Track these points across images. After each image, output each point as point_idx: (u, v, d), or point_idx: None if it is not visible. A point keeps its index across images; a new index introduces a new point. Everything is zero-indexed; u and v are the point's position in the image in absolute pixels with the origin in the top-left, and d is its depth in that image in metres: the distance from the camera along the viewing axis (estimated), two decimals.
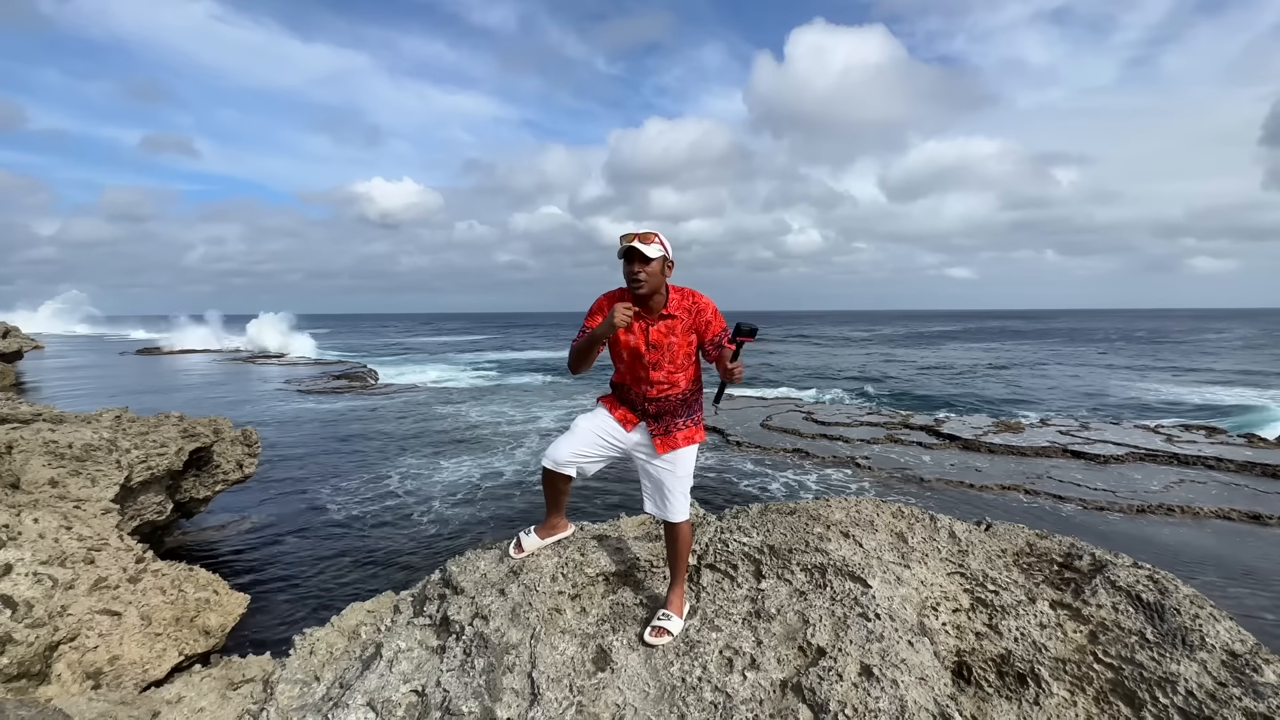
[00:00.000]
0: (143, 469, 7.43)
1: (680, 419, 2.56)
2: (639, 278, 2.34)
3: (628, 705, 2.16)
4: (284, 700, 2.54)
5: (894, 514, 3.19)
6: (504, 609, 2.55)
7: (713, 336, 2.46)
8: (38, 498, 5.65)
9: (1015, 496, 12.24)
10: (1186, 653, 2.18)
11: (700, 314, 2.47)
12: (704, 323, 2.47)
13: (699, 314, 2.47)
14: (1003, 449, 15.61)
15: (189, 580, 5.68)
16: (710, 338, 2.47)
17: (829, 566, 2.66)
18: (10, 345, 26.61)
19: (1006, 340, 73.29)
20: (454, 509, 11.83)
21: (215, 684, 3.40)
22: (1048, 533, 3.08)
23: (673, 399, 2.54)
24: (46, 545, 4.87)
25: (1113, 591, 2.51)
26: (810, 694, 2.09)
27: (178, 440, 8.34)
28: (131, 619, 4.90)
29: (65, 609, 4.54)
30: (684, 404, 2.56)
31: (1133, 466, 14.14)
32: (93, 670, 4.42)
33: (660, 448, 2.55)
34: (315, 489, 12.97)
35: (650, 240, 2.32)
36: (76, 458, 6.36)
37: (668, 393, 2.54)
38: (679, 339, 2.49)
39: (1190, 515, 11.04)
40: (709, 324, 2.47)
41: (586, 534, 3.12)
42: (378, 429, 19.46)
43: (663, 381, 2.52)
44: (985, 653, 2.33)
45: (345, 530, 10.60)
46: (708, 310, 2.48)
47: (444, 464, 15.11)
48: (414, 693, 2.36)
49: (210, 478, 9.41)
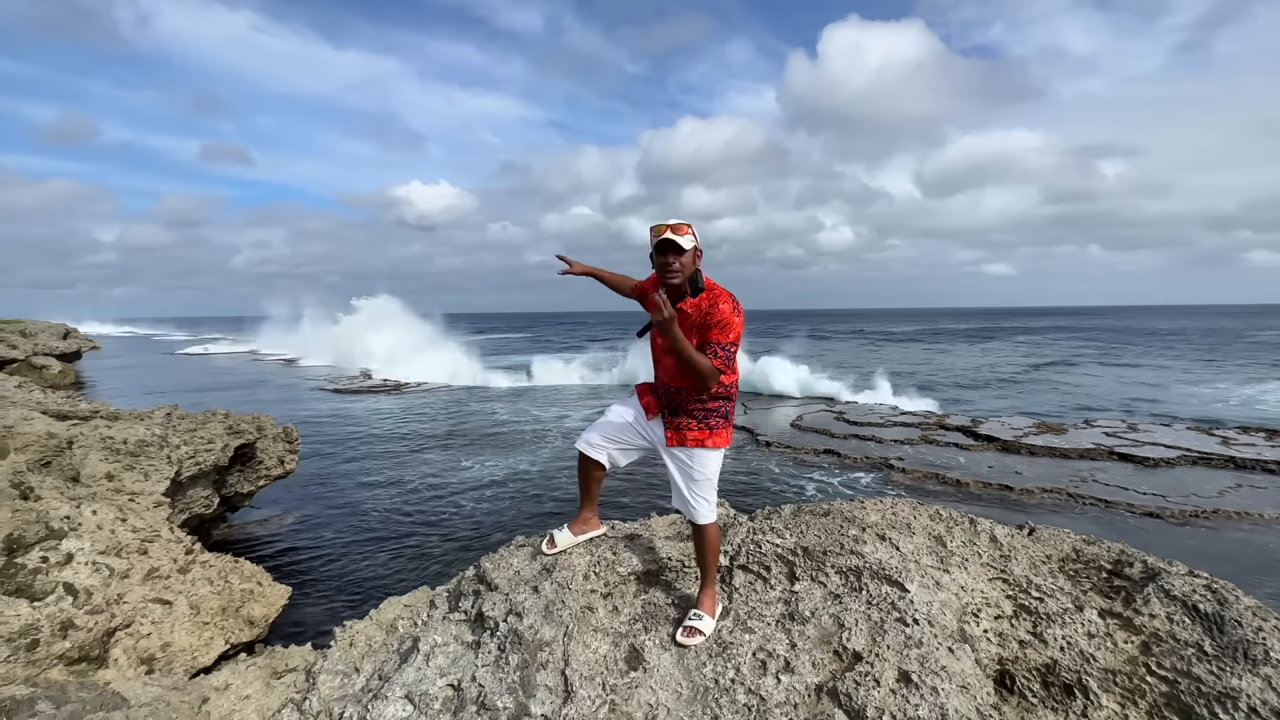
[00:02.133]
0: (191, 464, 7.74)
1: (693, 420, 2.49)
2: (673, 268, 2.35)
3: (660, 705, 2.16)
4: (325, 690, 2.61)
5: (932, 517, 3.11)
6: (537, 606, 2.57)
7: (704, 342, 2.37)
8: (95, 491, 5.93)
9: (1059, 500, 11.83)
10: (1249, 667, 2.07)
11: (710, 316, 2.38)
12: (708, 328, 2.37)
13: (708, 317, 2.38)
14: (1044, 451, 15.08)
15: (234, 572, 5.89)
16: (704, 340, 2.37)
17: (865, 569, 2.61)
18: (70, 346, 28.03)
19: (1049, 336, 70.86)
20: (486, 506, 12.01)
21: (260, 672, 3.51)
22: (1095, 538, 2.96)
23: (684, 394, 2.50)
24: (104, 536, 5.11)
25: (1167, 601, 2.40)
26: (846, 699, 2.05)
27: (224, 437, 8.67)
28: (181, 608, 5.11)
29: (121, 597, 4.76)
30: (699, 405, 2.48)
31: (1185, 470, 13.51)
32: (146, 656, 4.62)
33: (670, 440, 2.55)
34: (352, 485, 13.32)
35: (683, 231, 2.33)
36: (131, 453, 6.66)
37: (676, 385, 2.51)
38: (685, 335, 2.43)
39: (1250, 521, 10.49)
40: (710, 330, 2.37)
41: (618, 533, 3.13)
42: (410, 428, 19.88)
43: (670, 369, 2.52)
44: (1029, 661, 2.25)
45: (381, 526, 10.86)
46: (719, 320, 2.37)
47: (475, 462, 15.35)
48: (450, 687, 2.40)
49: (254, 473, 9.75)
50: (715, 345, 2.35)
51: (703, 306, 2.39)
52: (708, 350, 2.36)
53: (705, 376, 2.34)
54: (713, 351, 2.35)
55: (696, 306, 2.40)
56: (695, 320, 2.40)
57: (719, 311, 2.37)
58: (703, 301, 2.40)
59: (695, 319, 2.40)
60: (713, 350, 2.35)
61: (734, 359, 2.43)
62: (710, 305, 2.39)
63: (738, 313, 2.40)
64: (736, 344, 2.41)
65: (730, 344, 2.37)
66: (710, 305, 2.39)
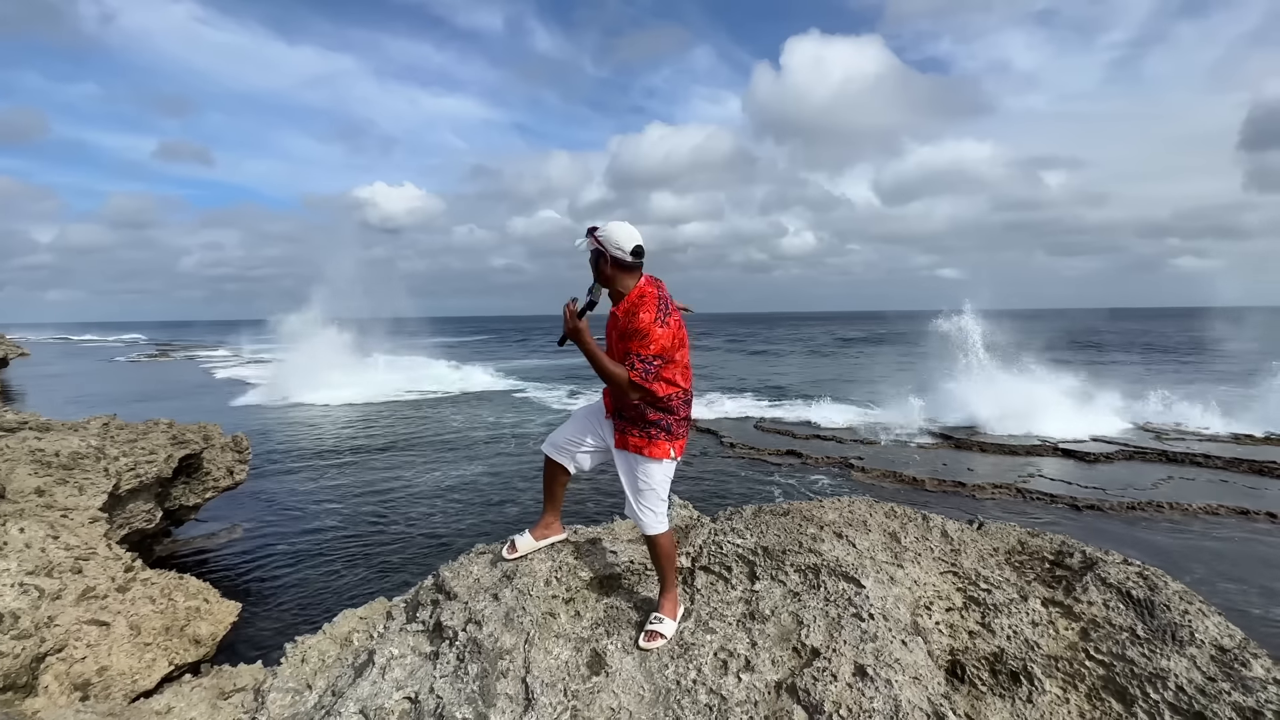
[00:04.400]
0: (131, 477, 7.35)
1: (634, 427, 2.46)
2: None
3: (623, 709, 2.16)
4: (275, 709, 2.51)
5: (887, 514, 3.21)
6: (497, 614, 2.54)
7: (625, 351, 2.30)
8: (24, 507, 5.57)
9: (1007, 495, 12.32)
10: (1176, 648, 2.20)
11: (629, 324, 2.31)
12: (628, 337, 2.32)
13: (628, 324, 2.31)
14: (994, 448, 15.72)
15: (179, 589, 5.62)
16: (626, 350, 2.31)
17: (823, 567, 2.67)
18: None
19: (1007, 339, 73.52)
20: (446, 514, 11.77)
21: (206, 694, 3.36)
22: (1039, 531, 3.10)
23: (624, 399, 2.42)
24: (33, 555, 4.80)
25: (1103, 588, 2.53)
26: (805, 695, 2.09)
27: (167, 447, 8.26)
28: (120, 629, 4.84)
29: (52, 620, 4.48)
30: (637, 411, 2.42)
31: (1123, 464, 14.27)
32: (80, 681, 4.36)
33: (616, 441, 2.55)
34: (307, 495, 12.87)
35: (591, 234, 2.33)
36: (63, 466, 6.28)
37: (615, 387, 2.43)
38: (613, 337, 2.43)
39: (1179, 512, 11.15)
40: (631, 340, 2.30)
41: (581, 538, 3.12)
42: (365, 434, 19.34)
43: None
44: (978, 651, 2.34)
45: (336, 536, 10.52)
46: (637, 330, 2.28)
47: (434, 469, 15.04)
48: (407, 700, 2.34)
49: (200, 485, 9.32)
50: (634, 356, 2.27)
51: (626, 314, 2.33)
52: (627, 360, 2.28)
53: (620, 387, 2.28)
54: (630, 363, 2.27)
55: (624, 313, 2.34)
56: (621, 327, 2.35)
57: (638, 321, 2.28)
58: (629, 307, 2.33)
59: (622, 325, 2.35)
60: (630, 361, 2.28)
61: (660, 372, 2.32)
62: (631, 313, 2.31)
63: (660, 323, 2.29)
64: (661, 357, 2.30)
65: (650, 356, 2.27)
66: (631, 313, 2.31)
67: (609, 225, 2.30)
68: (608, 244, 2.28)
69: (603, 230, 2.30)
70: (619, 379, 2.27)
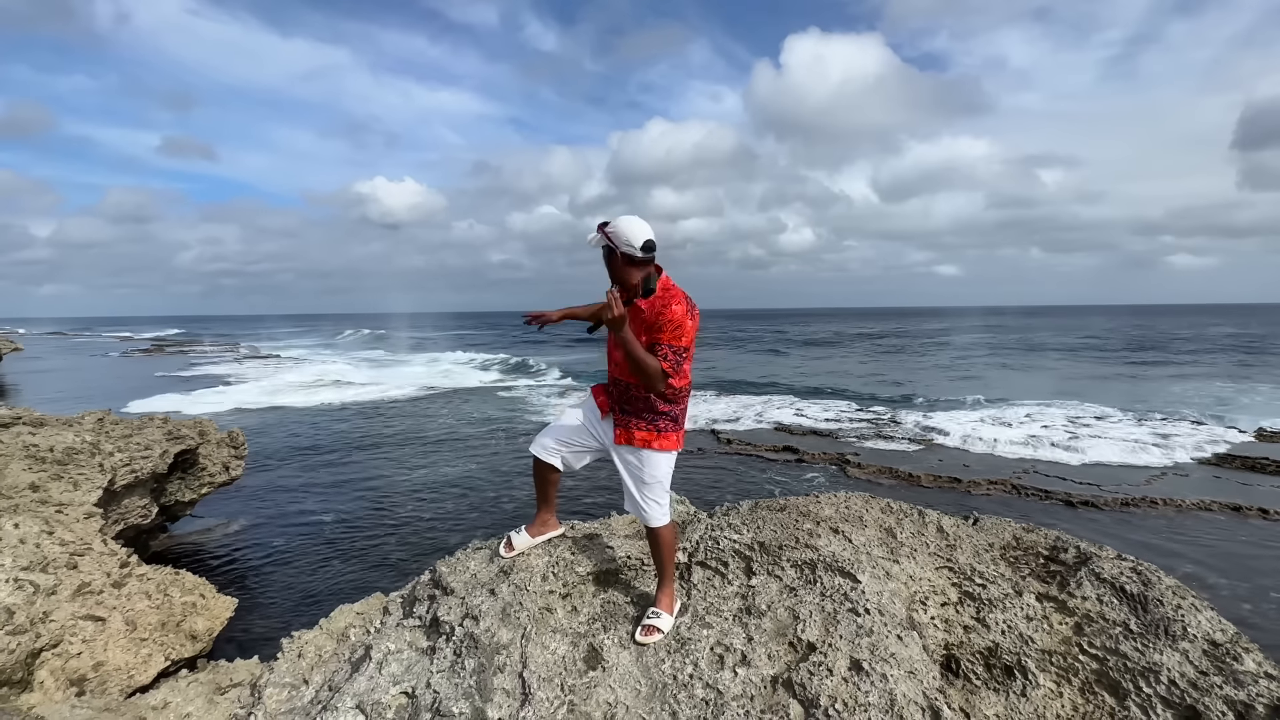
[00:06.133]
0: (126, 472, 7.32)
1: (641, 420, 2.48)
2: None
3: (619, 704, 2.16)
4: (272, 704, 2.51)
5: (883, 509, 3.21)
6: (494, 609, 2.54)
7: (654, 343, 2.33)
8: (18, 502, 5.54)
9: (1002, 491, 12.38)
10: (1169, 643, 2.21)
11: (661, 317, 2.33)
12: (659, 329, 2.34)
13: (660, 317, 2.33)
14: (990, 444, 15.78)
15: (175, 584, 5.61)
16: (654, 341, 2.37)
17: (819, 562, 2.67)
18: None
19: (998, 336, 73.86)
20: (442, 510, 11.77)
21: (202, 689, 3.36)
22: (1034, 526, 3.11)
23: (634, 391, 2.46)
24: (27, 551, 4.79)
25: (1097, 583, 2.54)
26: (801, 689, 2.10)
27: (162, 443, 8.23)
28: (116, 624, 4.83)
29: (47, 615, 4.46)
30: (645, 404, 2.46)
31: (1118, 461, 14.34)
32: (76, 677, 4.35)
33: (618, 438, 2.54)
34: (303, 491, 12.85)
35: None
36: (58, 461, 6.26)
37: (627, 380, 2.47)
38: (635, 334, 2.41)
39: (1173, 507, 11.22)
40: (661, 332, 2.33)
41: (577, 533, 3.12)
42: (363, 430, 19.31)
43: (619, 364, 2.49)
44: (973, 645, 2.35)
45: (333, 532, 10.52)
46: (671, 322, 2.32)
47: (430, 465, 15.03)
48: (404, 695, 2.34)
49: (196, 480, 9.30)
50: (665, 347, 2.32)
51: (655, 307, 2.36)
52: (657, 351, 2.33)
53: (652, 377, 2.32)
54: (662, 354, 2.32)
55: (650, 305, 2.37)
56: (647, 319, 2.37)
57: (671, 313, 2.32)
58: (656, 302, 2.36)
59: (648, 318, 2.37)
60: (662, 352, 2.33)
61: (684, 363, 2.40)
62: (663, 306, 2.35)
63: (691, 316, 2.35)
64: (688, 349, 2.36)
65: (681, 348, 2.34)
66: (663, 306, 2.35)
67: (619, 220, 2.29)
68: (617, 239, 2.28)
69: (613, 226, 2.29)
70: (653, 369, 2.30)
